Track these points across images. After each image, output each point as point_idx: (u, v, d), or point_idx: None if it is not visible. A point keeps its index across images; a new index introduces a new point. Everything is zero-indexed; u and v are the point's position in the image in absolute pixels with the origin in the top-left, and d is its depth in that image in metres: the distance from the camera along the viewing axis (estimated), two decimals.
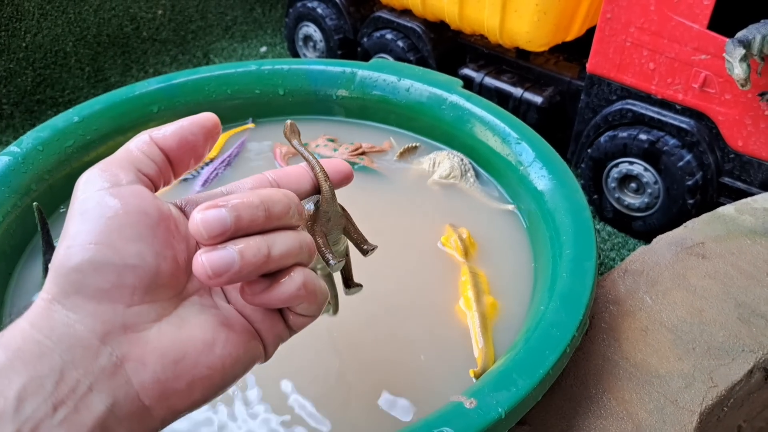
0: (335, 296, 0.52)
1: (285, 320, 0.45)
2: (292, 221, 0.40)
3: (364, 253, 0.55)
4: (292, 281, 0.39)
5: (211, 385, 0.38)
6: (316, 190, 0.49)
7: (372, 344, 0.97)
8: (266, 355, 0.44)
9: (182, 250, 0.38)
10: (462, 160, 1.31)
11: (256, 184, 0.45)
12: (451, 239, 1.13)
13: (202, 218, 0.35)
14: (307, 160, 0.47)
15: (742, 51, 1.33)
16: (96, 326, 0.33)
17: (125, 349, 0.34)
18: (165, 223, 0.37)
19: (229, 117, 1.41)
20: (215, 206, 0.35)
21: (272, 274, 0.39)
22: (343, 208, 0.51)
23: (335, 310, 0.60)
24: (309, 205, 0.48)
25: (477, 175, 1.31)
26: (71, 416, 0.31)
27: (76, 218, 0.35)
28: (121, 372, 0.34)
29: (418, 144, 1.40)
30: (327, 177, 0.47)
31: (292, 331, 0.45)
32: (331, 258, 0.50)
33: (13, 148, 1.13)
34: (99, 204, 0.34)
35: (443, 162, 1.31)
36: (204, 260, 0.35)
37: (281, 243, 0.38)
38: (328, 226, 0.50)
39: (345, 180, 0.48)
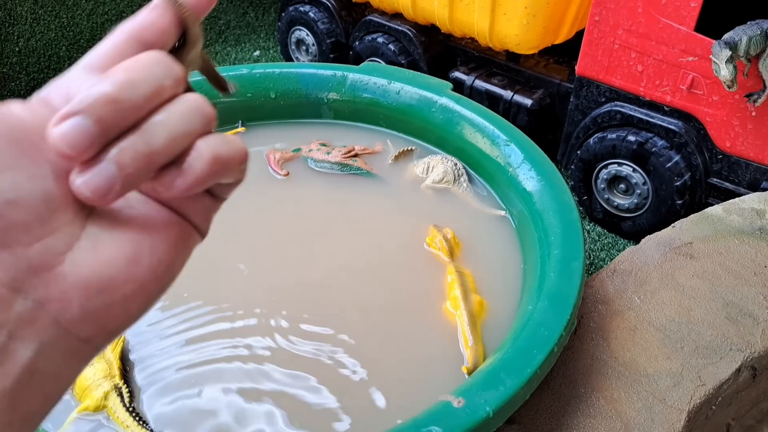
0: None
1: (210, 192, 0.38)
2: (167, 93, 0.33)
3: (223, 91, 0.44)
4: (200, 162, 0.33)
5: (148, 296, 0.34)
6: (181, 31, 0.39)
7: (360, 344, 0.98)
8: (201, 235, 0.37)
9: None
10: (456, 164, 1.31)
11: (114, 52, 0.34)
12: (435, 239, 1.14)
13: (60, 134, 0.29)
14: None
15: (728, 53, 1.34)
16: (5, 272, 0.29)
17: (41, 292, 0.30)
18: (32, 137, 0.31)
19: (221, 120, 1.41)
20: (70, 114, 0.29)
21: (176, 160, 0.33)
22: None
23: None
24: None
25: (471, 179, 1.31)
26: None
27: None
28: (43, 315, 0.30)
29: (413, 147, 1.41)
30: (192, 16, 0.37)
31: (221, 199, 0.38)
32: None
33: None
34: None
35: (437, 166, 1.31)
36: (80, 185, 0.30)
37: (163, 128, 0.32)
38: (192, 67, 0.42)
39: (202, 10, 0.35)
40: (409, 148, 1.40)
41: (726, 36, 1.37)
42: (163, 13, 0.35)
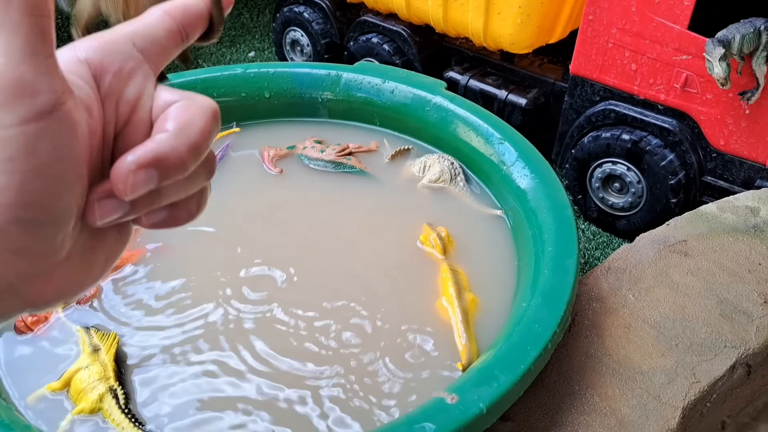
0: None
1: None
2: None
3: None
4: (188, 213, 0.37)
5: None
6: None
7: (353, 342, 0.98)
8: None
9: (95, 160, 0.34)
10: (452, 164, 1.31)
11: (165, 39, 0.37)
12: (429, 237, 1.14)
13: (132, 183, 0.32)
14: None
15: (721, 50, 1.34)
16: (7, 274, 0.30)
17: (26, 288, 0.31)
18: (89, 151, 0.33)
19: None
20: (147, 166, 0.32)
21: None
22: None
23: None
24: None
25: (467, 179, 1.31)
26: None
27: None
28: (11, 295, 0.31)
29: (410, 147, 1.41)
30: (222, 8, 0.40)
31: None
32: None
33: None
34: (21, 147, 0.29)
35: (433, 166, 1.31)
36: (97, 212, 0.33)
37: (176, 192, 0.35)
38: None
39: (228, 5, 0.39)
40: (406, 148, 1.40)
41: (719, 34, 1.37)
42: (202, 4, 0.38)
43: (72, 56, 0.33)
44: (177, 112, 0.34)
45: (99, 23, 2.32)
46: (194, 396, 0.91)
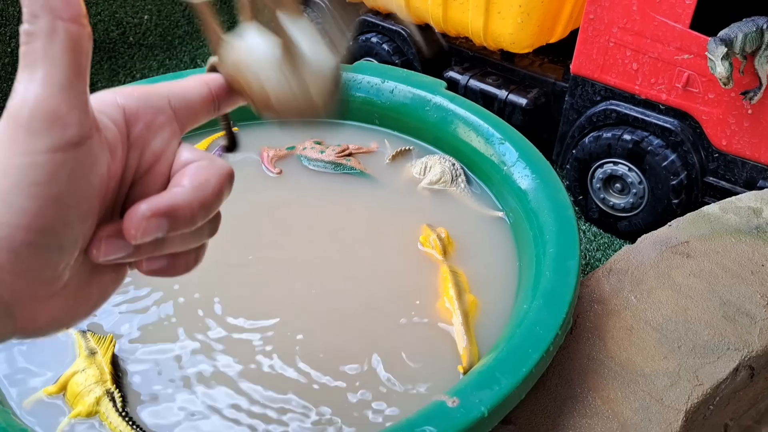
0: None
1: None
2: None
3: (230, 148, 0.51)
4: (186, 265, 0.39)
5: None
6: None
7: (353, 343, 0.97)
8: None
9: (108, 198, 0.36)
10: (453, 165, 1.30)
11: (198, 105, 0.41)
12: (429, 238, 1.13)
13: (144, 228, 0.33)
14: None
15: (723, 49, 1.34)
16: (5, 295, 0.31)
17: (20, 312, 0.33)
18: (105, 189, 0.34)
19: (213, 120, 1.40)
20: (160, 215, 0.34)
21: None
22: None
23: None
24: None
25: (468, 180, 1.30)
26: None
27: (16, 189, 0.30)
28: (5, 316, 0.32)
29: (411, 147, 1.40)
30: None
31: None
32: None
33: None
34: (45, 174, 0.30)
35: (434, 167, 1.30)
36: (103, 249, 0.34)
37: (180, 244, 0.37)
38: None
39: None
40: (407, 148, 1.39)
41: (721, 33, 1.36)
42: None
43: (111, 99, 0.35)
44: (195, 170, 0.36)
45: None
46: (192, 400, 0.90)
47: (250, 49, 0.41)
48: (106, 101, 0.35)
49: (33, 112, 0.30)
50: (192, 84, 0.40)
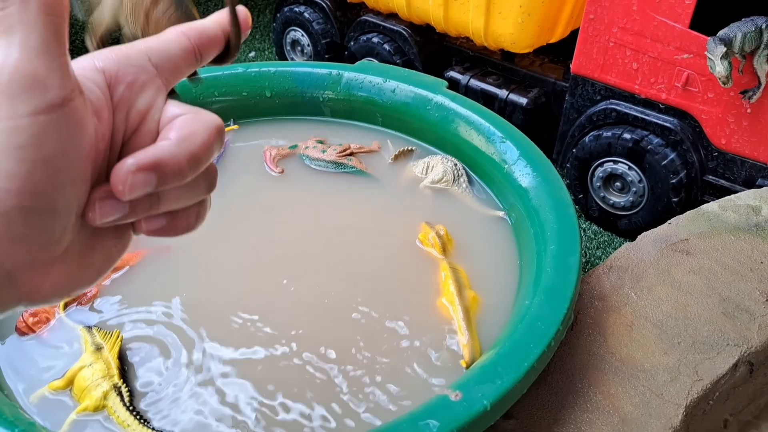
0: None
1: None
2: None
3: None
4: (187, 223, 0.39)
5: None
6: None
7: (356, 341, 0.98)
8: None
9: (100, 158, 0.36)
10: (456, 165, 1.31)
11: (180, 57, 0.40)
12: (428, 236, 1.14)
13: (130, 184, 0.33)
14: (230, 10, 0.42)
15: (723, 49, 1.34)
16: (6, 262, 0.31)
17: (23, 278, 0.33)
18: (94, 151, 0.34)
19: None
20: (145, 168, 0.34)
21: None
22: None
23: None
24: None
25: (470, 180, 1.31)
26: None
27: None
28: (8, 284, 0.32)
29: (413, 147, 1.41)
30: (240, 32, 0.42)
31: None
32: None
33: None
34: (30, 137, 0.31)
35: (436, 166, 1.31)
36: (98, 211, 0.34)
37: (175, 200, 0.37)
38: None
39: (246, 28, 0.43)
40: (409, 148, 1.40)
41: (721, 32, 1.37)
42: (220, 28, 0.41)
43: (89, 64, 0.35)
44: (181, 123, 0.36)
45: (114, 36, 2.33)
46: (198, 395, 0.91)
47: None
48: (85, 66, 0.35)
49: (12, 76, 0.30)
50: (170, 37, 0.40)
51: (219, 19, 0.42)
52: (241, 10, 0.43)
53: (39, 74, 0.30)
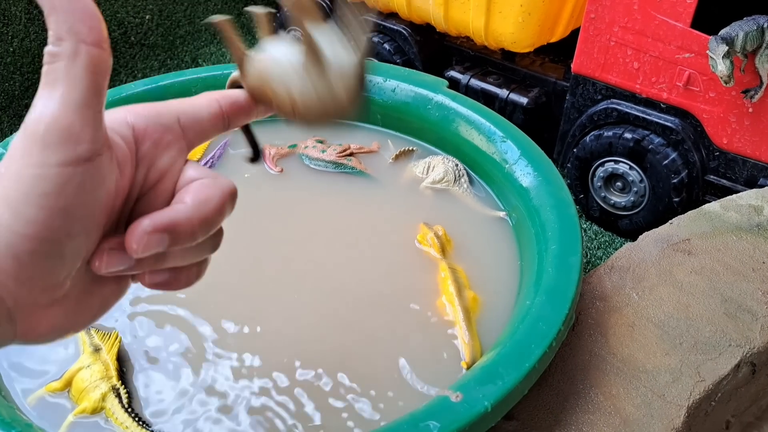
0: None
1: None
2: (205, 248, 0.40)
3: (255, 158, 0.52)
4: (188, 279, 0.40)
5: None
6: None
7: (355, 341, 0.97)
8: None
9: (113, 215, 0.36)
10: (457, 165, 1.31)
11: (208, 123, 0.41)
12: (427, 237, 1.14)
13: (146, 243, 0.34)
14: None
15: (725, 48, 1.34)
16: (8, 300, 0.32)
17: (21, 318, 0.33)
18: (111, 204, 0.35)
19: None
20: (162, 231, 0.35)
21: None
22: None
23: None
24: None
25: (471, 181, 1.30)
26: None
27: (21, 197, 0.31)
28: (6, 322, 0.33)
29: (414, 148, 1.40)
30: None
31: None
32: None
33: (0, 150, 1.13)
34: (55, 186, 0.31)
35: (437, 166, 1.30)
36: (105, 261, 0.35)
37: (181, 259, 0.38)
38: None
39: None
40: (410, 149, 1.39)
41: (722, 31, 1.37)
42: (248, 101, 0.43)
43: (122, 117, 0.37)
44: (198, 187, 0.37)
45: None
46: (198, 396, 0.90)
47: (273, 58, 0.41)
48: (117, 119, 0.36)
49: (49, 126, 0.31)
50: (202, 102, 0.41)
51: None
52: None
53: (74, 128, 0.31)
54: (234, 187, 0.39)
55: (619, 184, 1.72)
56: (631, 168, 1.66)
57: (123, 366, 0.94)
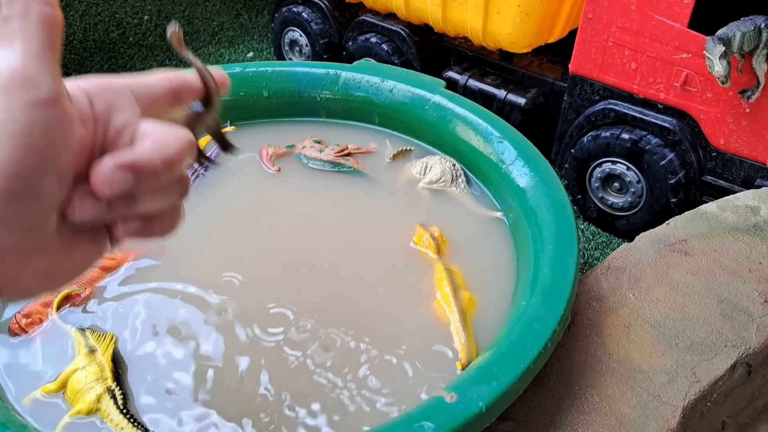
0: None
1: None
2: (180, 172, 0.42)
3: (226, 150, 0.57)
4: (162, 227, 0.42)
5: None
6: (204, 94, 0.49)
7: (350, 342, 0.97)
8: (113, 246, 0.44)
9: (82, 156, 0.38)
10: (454, 165, 1.30)
11: (160, 95, 0.45)
12: (423, 238, 1.14)
13: (109, 181, 0.37)
14: (198, 69, 0.48)
15: (722, 48, 1.34)
16: None
17: (4, 265, 0.36)
18: (78, 152, 0.37)
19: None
20: (124, 167, 0.37)
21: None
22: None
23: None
24: (198, 107, 0.49)
25: (468, 181, 1.30)
26: None
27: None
28: None
29: (412, 147, 1.40)
30: (216, 85, 0.49)
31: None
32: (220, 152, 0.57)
33: None
34: (23, 127, 0.34)
35: (434, 166, 1.30)
36: (77, 207, 0.37)
37: (150, 202, 0.40)
38: (208, 126, 0.51)
39: (224, 87, 0.49)
40: (408, 149, 1.39)
41: (720, 32, 1.37)
42: (198, 81, 0.47)
43: (74, 84, 0.39)
44: (155, 132, 0.40)
45: None
46: (194, 398, 0.90)
47: None
48: (70, 85, 0.39)
49: (9, 76, 0.33)
50: (153, 78, 0.44)
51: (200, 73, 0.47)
52: (219, 73, 0.49)
53: (33, 76, 0.34)
54: (191, 137, 0.41)
55: (616, 184, 1.72)
56: (628, 168, 1.66)
57: (118, 367, 0.94)
